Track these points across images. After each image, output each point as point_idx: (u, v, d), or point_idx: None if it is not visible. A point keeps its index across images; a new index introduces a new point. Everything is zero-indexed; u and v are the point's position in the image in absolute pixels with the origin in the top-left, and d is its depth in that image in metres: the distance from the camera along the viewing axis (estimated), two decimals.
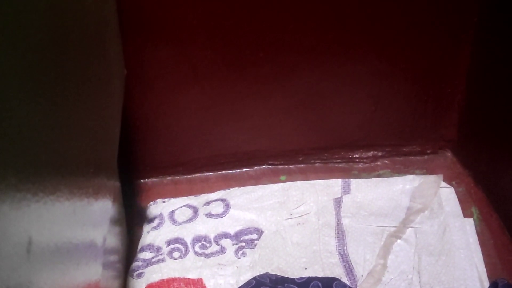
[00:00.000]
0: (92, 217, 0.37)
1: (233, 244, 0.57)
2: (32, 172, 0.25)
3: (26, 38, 0.26)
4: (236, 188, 0.63)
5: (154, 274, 0.54)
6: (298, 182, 0.63)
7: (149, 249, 0.57)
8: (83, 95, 0.36)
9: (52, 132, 0.29)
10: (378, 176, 0.66)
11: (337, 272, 0.54)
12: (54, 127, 0.29)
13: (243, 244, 0.57)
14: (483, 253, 0.55)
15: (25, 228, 0.24)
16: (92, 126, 0.39)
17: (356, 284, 0.53)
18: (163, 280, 0.54)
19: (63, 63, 0.32)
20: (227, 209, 0.60)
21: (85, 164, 0.36)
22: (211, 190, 0.63)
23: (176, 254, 0.56)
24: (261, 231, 0.58)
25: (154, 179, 0.67)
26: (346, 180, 0.62)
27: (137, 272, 0.55)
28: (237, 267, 0.55)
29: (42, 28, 0.29)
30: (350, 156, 0.67)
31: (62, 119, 0.31)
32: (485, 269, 0.53)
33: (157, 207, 0.61)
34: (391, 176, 0.65)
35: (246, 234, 0.58)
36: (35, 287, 0.24)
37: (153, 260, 0.56)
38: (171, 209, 0.61)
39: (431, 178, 0.61)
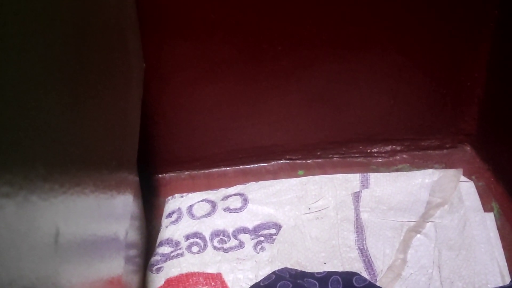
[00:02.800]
0: (114, 211, 0.37)
1: (252, 239, 0.57)
2: (59, 163, 0.25)
3: (52, 31, 0.26)
4: (254, 182, 0.63)
5: (173, 268, 0.54)
6: (316, 176, 0.62)
7: (168, 244, 0.57)
8: (104, 88, 0.36)
9: (76, 124, 0.29)
10: (397, 170, 0.65)
11: (357, 266, 0.54)
12: (77, 119, 0.29)
13: (262, 238, 0.57)
14: (504, 247, 0.54)
15: (53, 219, 0.23)
16: (114, 119, 0.39)
17: (376, 279, 0.53)
18: (182, 274, 0.54)
19: (85, 56, 0.32)
20: (245, 204, 0.60)
21: (107, 157, 0.36)
22: (229, 184, 0.63)
23: (195, 249, 0.56)
24: (280, 225, 0.58)
25: (172, 174, 0.67)
26: (365, 174, 0.62)
27: (156, 266, 0.55)
28: (256, 261, 0.55)
29: (66, 21, 0.29)
30: (369, 151, 0.67)
31: (85, 111, 0.31)
32: (506, 264, 0.53)
33: (176, 202, 0.61)
34: (410, 170, 0.64)
35: (264, 228, 0.58)
36: (62, 278, 0.24)
37: (172, 254, 0.56)
38: (189, 204, 0.61)
39: (451, 172, 0.60)
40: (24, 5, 0.22)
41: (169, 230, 0.58)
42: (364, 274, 0.53)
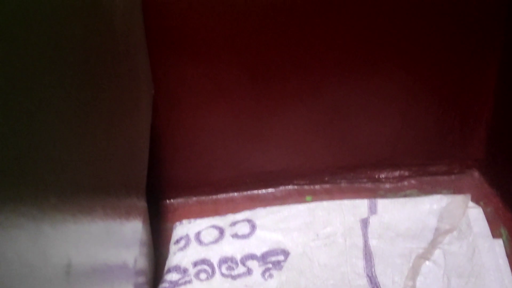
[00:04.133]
0: (124, 238, 0.37)
1: (260, 266, 0.57)
2: (71, 192, 0.25)
3: (63, 61, 0.26)
4: (262, 208, 0.62)
5: None
6: (324, 202, 0.62)
7: (175, 271, 0.57)
8: (114, 115, 0.36)
9: (87, 153, 0.29)
10: (405, 196, 0.65)
11: None
12: (88, 148, 0.29)
13: (270, 265, 0.57)
14: None
15: (64, 249, 0.23)
16: (123, 146, 0.39)
17: None
18: None
19: (95, 84, 0.32)
20: (253, 230, 0.59)
21: (117, 184, 0.36)
22: (236, 210, 0.63)
23: (203, 276, 0.56)
24: (288, 252, 0.58)
25: (180, 200, 0.67)
26: (373, 200, 0.61)
27: None
28: None
29: (77, 50, 0.29)
30: (377, 176, 0.66)
31: (95, 140, 0.31)
32: None
33: (183, 228, 0.61)
34: (418, 196, 0.64)
35: (272, 255, 0.58)
36: None
37: (180, 281, 0.55)
38: (197, 230, 0.60)
39: (459, 198, 0.60)
40: (36, 38, 0.23)
41: (177, 257, 0.58)
42: None
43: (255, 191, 0.67)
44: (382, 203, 0.61)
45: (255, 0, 0.54)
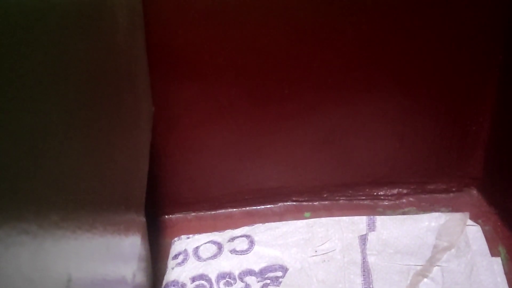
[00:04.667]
0: (123, 253, 0.37)
1: (258, 282, 0.57)
2: (72, 210, 0.25)
3: (67, 78, 0.26)
4: (261, 224, 0.63)
5: None
6: (322, 218, 0.62)
7: (173, 286, 0.57)
8: (115, 133, 0.37)
9: (88, 170, 0.29)
10: (403, 213, 0.65)
11: None
12: (89, 166, 0.30)
13: (268, 281, 0.57)
14: None
15: (65, 265, 0.24)
16: (123, 163, 0.39)
17: None
18: None
19: (97, 102, 0.33)
20: (252, 246, 0.60)
21: (117, 201, 0.36)
22: (235, 226, 0.63)
23: None
24: (286, 268, 0.58)
25: (179, 215, 0.67)
26: (371, 217, 0.62)
27: None
28: None
29: (79, 69, 0.29)
30: (375, 193, 0.67)
31: (96, 157, 0.31)
32: None
33: (182, 243, 0.61)
34: (417, 213, 0.64)
35: (270, 271, 0.58)
36: None
37: None
38: (195, 245, 0.61)
39: (457, 216, 0.60)
40: (40, 57, 0.23)
41: (175, 272, 0.58)
42: None
43: (254, 207, 0.67)
44: (381, 220, 0.61)
45: (255, 22, 0.54)
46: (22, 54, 0.21)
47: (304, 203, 0.67)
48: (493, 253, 0.58)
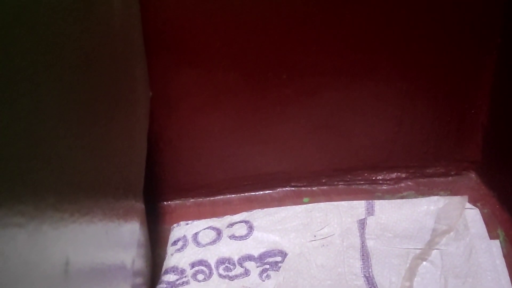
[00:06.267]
0: (122, 239, 0.37)
1: (257, 267, 0.57)
2: (69, 192, 0.25)
3: (60, 63, 0.26)
4: (259, 209, 0.63)
5: None
6: (321, 203, 0.62)
7: (173, 272, 0.57)
8: (112, 117, 0.37)
9: (85, 154, 0.29)
10: (402, 197, 0.65)
11: None
12: (86, 149, 0.29)
13: (267, 266, 0.57)
14: (510, 275, 0.54)
15: (62, 248, 0.24)
16: (121, 148, 0.39)
17: None
18: None
19: (93, 86, 0.33)
20: (251, 231, 0.60)
21: (115, 186, 0.36)
22: (234, 212, 0.63)
23: (200, 277, 0.56)
24: (285, 253, 0.58)
25: (177, 201, 0.67)
26: (370, 201, 0.62)
27: None
28: None
29: (74, 52, 0.29)
30: (374, 178, 0.67)
31: (93, 141, 0.31)
32: None
33: (181, 229, 0.61)
34: (415, 197, 0.64)
35: (270, 256, 0.58)
36: None
37: (177, 282, 0.56)
38: (194, 231, 0.61)
39: (456, 199, 0.60)
40: (34, 39, 0.23)
41: (175, 258, 0.58)
42: None
43: (253, 193, 0.67)
44: (380, 204, 0.61)
45: (253, 6, 0.54)
46: (16, 36, 0.21)
47: (303, 188, 0.67)
48: (492, 236, 0.58)
